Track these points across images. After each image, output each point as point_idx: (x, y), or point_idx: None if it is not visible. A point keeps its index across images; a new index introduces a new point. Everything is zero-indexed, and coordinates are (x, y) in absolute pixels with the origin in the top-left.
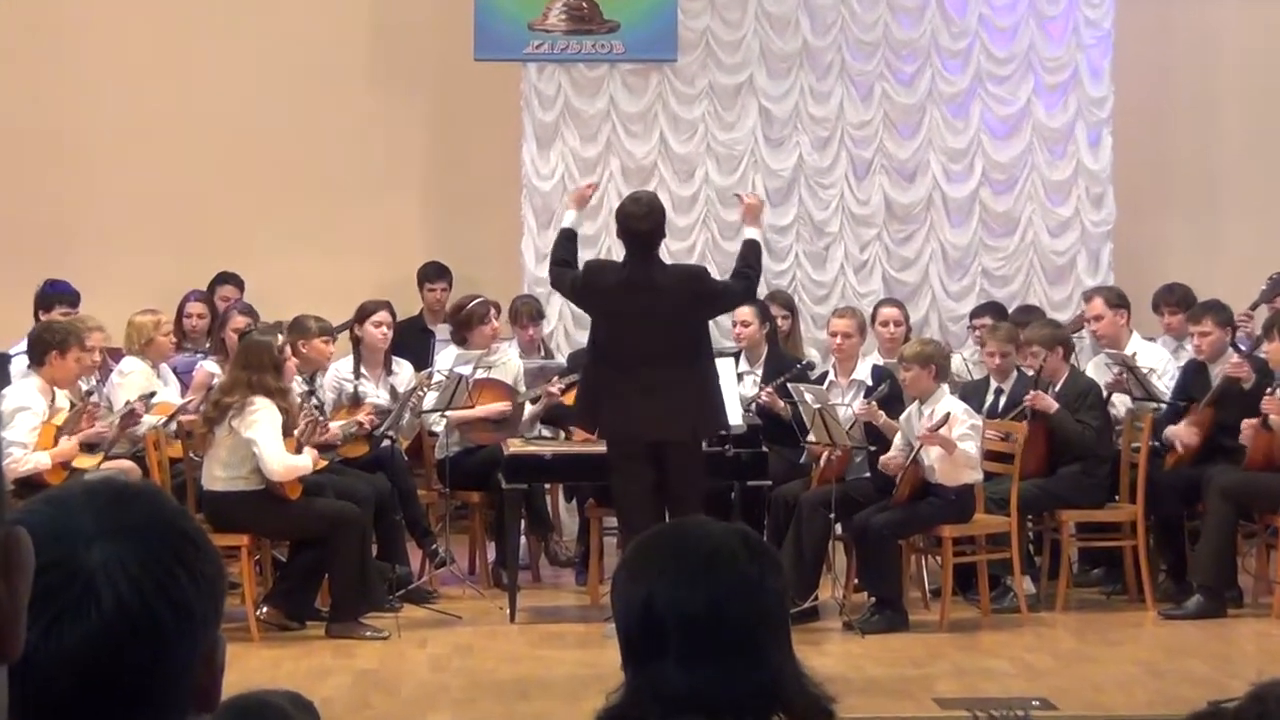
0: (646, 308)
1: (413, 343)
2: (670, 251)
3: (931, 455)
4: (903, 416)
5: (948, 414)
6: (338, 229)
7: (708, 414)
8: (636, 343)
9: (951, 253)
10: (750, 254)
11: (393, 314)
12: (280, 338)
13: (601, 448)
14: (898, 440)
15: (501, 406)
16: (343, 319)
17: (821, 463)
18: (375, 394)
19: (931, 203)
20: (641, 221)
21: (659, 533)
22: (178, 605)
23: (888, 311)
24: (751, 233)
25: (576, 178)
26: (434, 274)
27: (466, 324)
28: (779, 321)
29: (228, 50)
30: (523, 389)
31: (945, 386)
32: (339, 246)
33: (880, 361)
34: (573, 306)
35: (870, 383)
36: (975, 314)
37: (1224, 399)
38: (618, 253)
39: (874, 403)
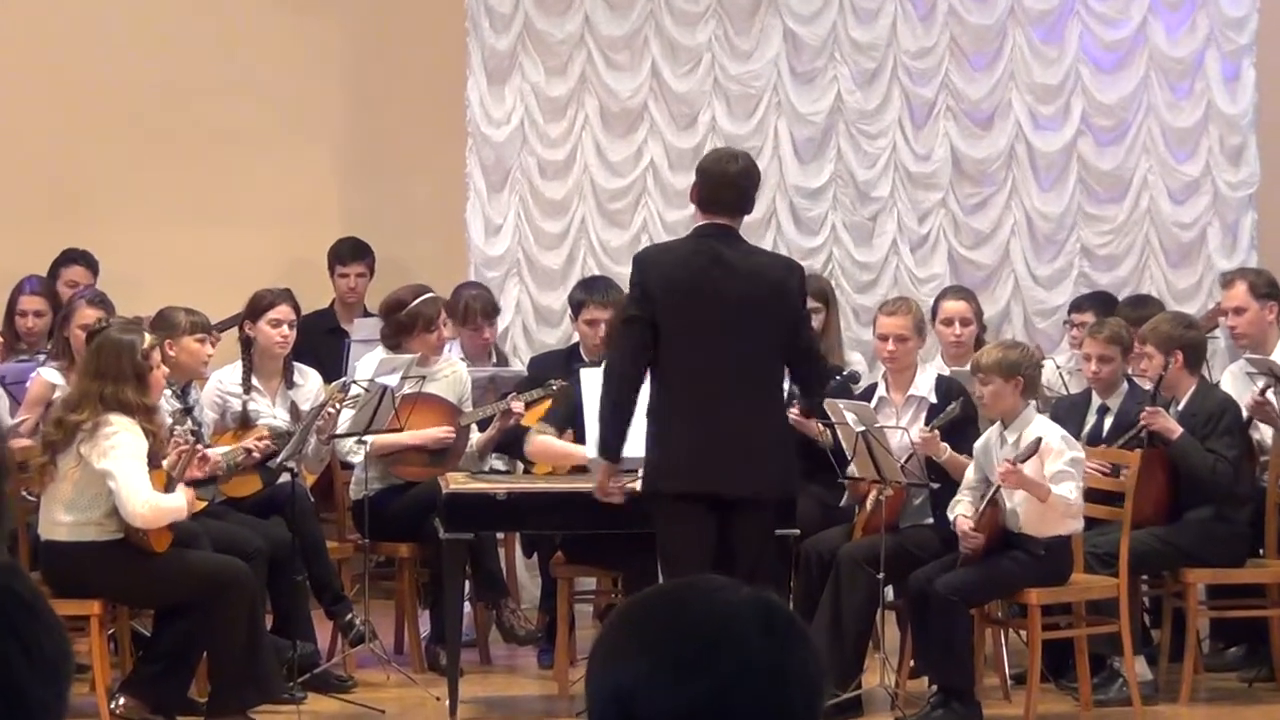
0: (726, 293)
1: (321, 344)
2: (665, 223)
3: (1015, 496)
4: (978, 444)
5: (1038, 440)
6: (223, 194)
7: (787, 467)
8: (708, 344)
9: (1040, 225)
10: None
11: (296, 308)
12: (146, 338)
13: (572, 483)
14: (969, 477)
15: (439, 432)
16: (227, 313)
17: (868, 505)
18: (271, 413)
19: (1013, 158)
20: (732, 184)
21: (649, 599)
22: (8, 691)
23: (954, 305)
24: None
25: (540, 123)
26: (349, 254)
27: (407, 328)
28: (809, 317)
29: None
30: (468, 407)
31: (1034, 404)
32: (223, 217)
33: (946, 370)
34: (537, 298)
35: (934, 400)
36: (1074, 307)
37: None
38: (592, 222)
39: (936, 430)
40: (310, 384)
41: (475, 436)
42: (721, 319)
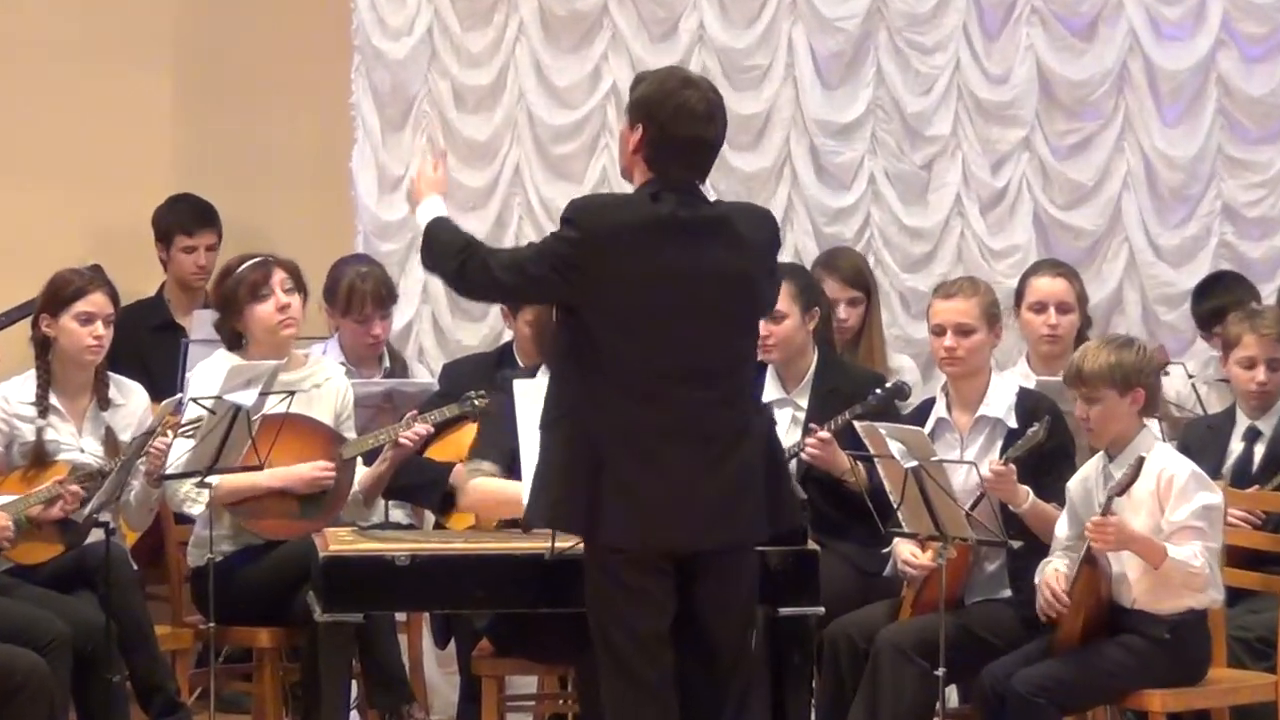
0: (709, 272)
1: (148, 346)
2: None
3: (1124, 558)
4: (1073, 483)
5: (1140, 461)
6: (15, 139)
7: (779, 495)
8: (681, 342)
9: (1165, 175)
10: None
11: (113, 297)
12: None
13: (503, 544)
14: (1060, 533)
15: (311, 470)
16: (11, 302)
17: (919, 568)
18: (76, 444)
19: (1125, 81)
20: (701, 124)
21: None
22: None
23: (1049, 284)
24: None
25: (455, 33)
26: (195, 220)
27: (232, 305)
28: (840, 310)
29: None
30: (352, 434)
31: (1152, 427)
32: (15, 169)
33: (1032, 380)
34: (436, 284)
35: (1013, 424)
36: (1202, 290)
37: None
38: (530, 172)
39: (1010, 462)
40: (133, 403)
41: (363, 474)
42: (693, 297)
